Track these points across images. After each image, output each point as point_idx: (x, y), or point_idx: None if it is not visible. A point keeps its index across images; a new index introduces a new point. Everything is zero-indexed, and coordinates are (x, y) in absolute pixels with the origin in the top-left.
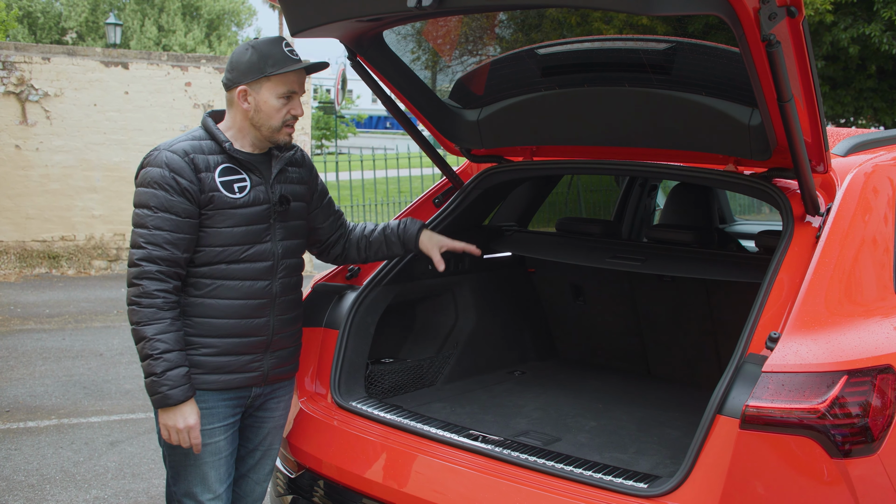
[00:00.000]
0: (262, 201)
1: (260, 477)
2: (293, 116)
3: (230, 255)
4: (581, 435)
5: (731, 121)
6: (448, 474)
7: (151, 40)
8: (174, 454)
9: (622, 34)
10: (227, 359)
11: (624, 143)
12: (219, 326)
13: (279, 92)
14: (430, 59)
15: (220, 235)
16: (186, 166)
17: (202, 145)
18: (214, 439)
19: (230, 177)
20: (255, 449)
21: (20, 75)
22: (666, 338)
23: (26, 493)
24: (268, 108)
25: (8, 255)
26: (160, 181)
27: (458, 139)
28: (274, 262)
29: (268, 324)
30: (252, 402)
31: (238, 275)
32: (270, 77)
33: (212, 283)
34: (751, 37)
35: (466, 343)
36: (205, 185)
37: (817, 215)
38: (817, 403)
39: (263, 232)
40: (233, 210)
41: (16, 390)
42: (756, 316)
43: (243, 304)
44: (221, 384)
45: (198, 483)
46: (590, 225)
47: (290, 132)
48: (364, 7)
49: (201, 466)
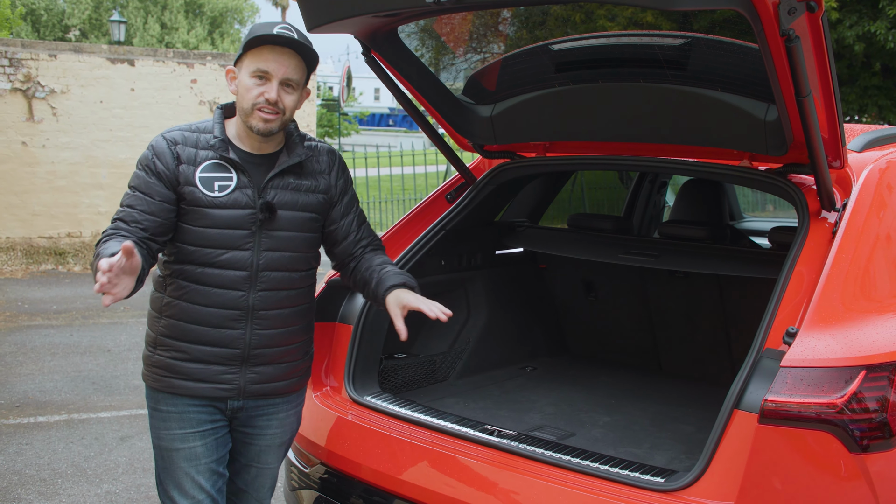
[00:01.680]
0: (243, 205)
1: (260, 494)
2: (265, 100)
3: (202, 257)
4: (595, 430)
5: (747, 116)
6: (465, 468)
7: (154, 37)
8: (156, 457)
9: (626, 31)
10: (196, 366)
11: (638, 139)
12: (188, 331)
13: (251, 69)
14: (443, 55)
15: (193, 234)
16: (169, 153)
17: (198, 138)
18: (188, 444)
19: (214, 173)
20: (248, 465)
21: (27, 72)
22: (678, 334)
23: (38, 487)
24: (241, 89)
25: (14, 251)
26: (143, 161)
27: (471, 135)
28: (251, 272)
29: (242, 336)
30: (234, 414)
31: (209, 280)
32: (247, 53)
33: (185, 286)
34: (770, 32)
35: (478, 339)
36: (181, 177)
37: (833, 211)
38: (836, 398)
39: (243, 238)
40: (208, 210)
41: (25, 385)
42: (773, 311)
43: (213, 312)
44: (189, 391)
45: (174, 487)
46: (602, 221)
47: (264, 117)
48: (382, 2)
49: (176, 471)
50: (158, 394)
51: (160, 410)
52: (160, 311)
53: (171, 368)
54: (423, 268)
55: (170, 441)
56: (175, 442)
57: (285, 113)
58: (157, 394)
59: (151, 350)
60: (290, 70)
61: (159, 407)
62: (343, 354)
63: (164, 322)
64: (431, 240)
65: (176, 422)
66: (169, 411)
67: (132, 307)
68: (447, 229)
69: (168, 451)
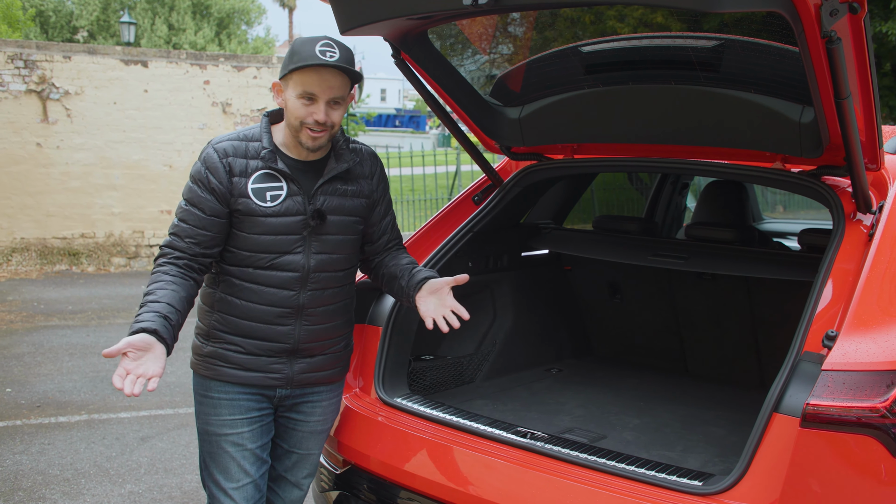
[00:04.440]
0: (294, 212)
1: (297, 479)
2: (314, 121)
3: (257, 260)
4: (626, 432)
5: (781, 118)
6: (499, 470)
7: (162, 38)
8: (202, 442)
9: (636, 32)
10: (247, 357)
11: (669, 141)
12: (241, 326)
13: (297, 91)
14: (471, 57)
15: (248, 241)
16: (221, 168)
17: (248, 147)
18: (236, 430)
19: (266, 184)
20: (290, 451)
21: (41, 74)
22: (704, 336)
23: (62, 487)
24: (290, 106)
25: (29, 251)
26: (196, 176)
27: (498, 137)
28: (303, 274)
29: (292, 332)
30: (280, 401)
31: (263, 281)
32: (293, 74)
33: (239, 284)
34: (810, 33)
35: (504, 340)
36: (235, 189)
37: (869, 213)
38: (878, 402)
39: (294, 243)
40: (262, 218)
41: (45, 386)
42: (810, 314)
43: (266, 310)
44: (241, 379)
45: (220, 471)
46: (628, 223)
47: (312, 136)
48: (418, 5)
49: (223, 456)
50: (209, 381)
51: (210, 397)
52: (212, 305)
53: (223, 358)
54: (452, 270)
55: (218, 426)
56: (224, 427)
57: (333, 127)
58: (207, 381)
59: (203, 341)
60: (336, 90)
61: (209, 394)
62: (372, 356)
63: (217, 316)
64: (459, 242)
65: (226, 408)
66: (220, 398)
67: None
68: (475, 231)
69: (216, 436)
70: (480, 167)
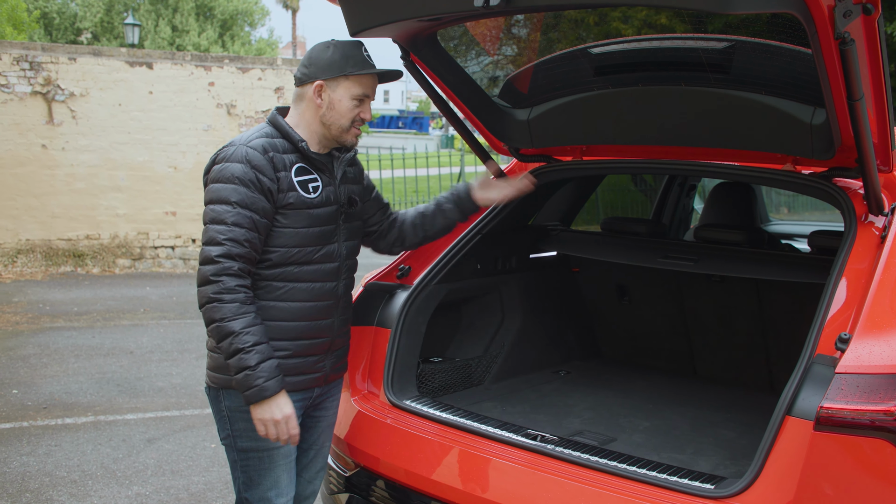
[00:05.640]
0: (332, 202)
1: (311, 475)
2: (361, 119)
3: (303, 256)
4: (636, 435)
5: (792, 120)
6: (510, 473)
7: (165, 40)
8: (250, 459)
9: (640, 34)
10: (297, 360)
11: (679, 143)
12: (290, 329)
13: (354, 93)
14: (480, 59)
15: (297, 236)
16: (267, 164)
17: (276, 143)
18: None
19: (304, 176)
20: (308, 448)
21: (47, 75)
22: (713, 338)
23: (69, 489)
24: (341, 108)
25: (34, 253)
26: (242, 177)
27: (507, 138)
28: (340, 262)
29: (332, 325)
30: (314, 402)
31: (308, 277)
32: (349, 77)
33: (283, 286)
34: (823, 35)
35: (513, 343)
36: (283, 184)
37: (881, 215)
38: (893, 405)
39: (332, 233)
40: (309, 210)
41: (51, 387)
42: (822, 316)
43: (313, 306)
44: (291, 386)
45: (272, 486)
46: (636, 225)
47: (357, 134)
48: (428, 6)
49: (275, 470)
50: None
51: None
52: None
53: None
54: (460, 271)
55: (268, 440)
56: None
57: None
58: None
59: None
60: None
61: None
62: (381, 358)
63: None
64: (468, 243)
65: None
66: None
67: (152, 309)
68: (483, 233)
69: (269, 451)
70: (488, 168)
